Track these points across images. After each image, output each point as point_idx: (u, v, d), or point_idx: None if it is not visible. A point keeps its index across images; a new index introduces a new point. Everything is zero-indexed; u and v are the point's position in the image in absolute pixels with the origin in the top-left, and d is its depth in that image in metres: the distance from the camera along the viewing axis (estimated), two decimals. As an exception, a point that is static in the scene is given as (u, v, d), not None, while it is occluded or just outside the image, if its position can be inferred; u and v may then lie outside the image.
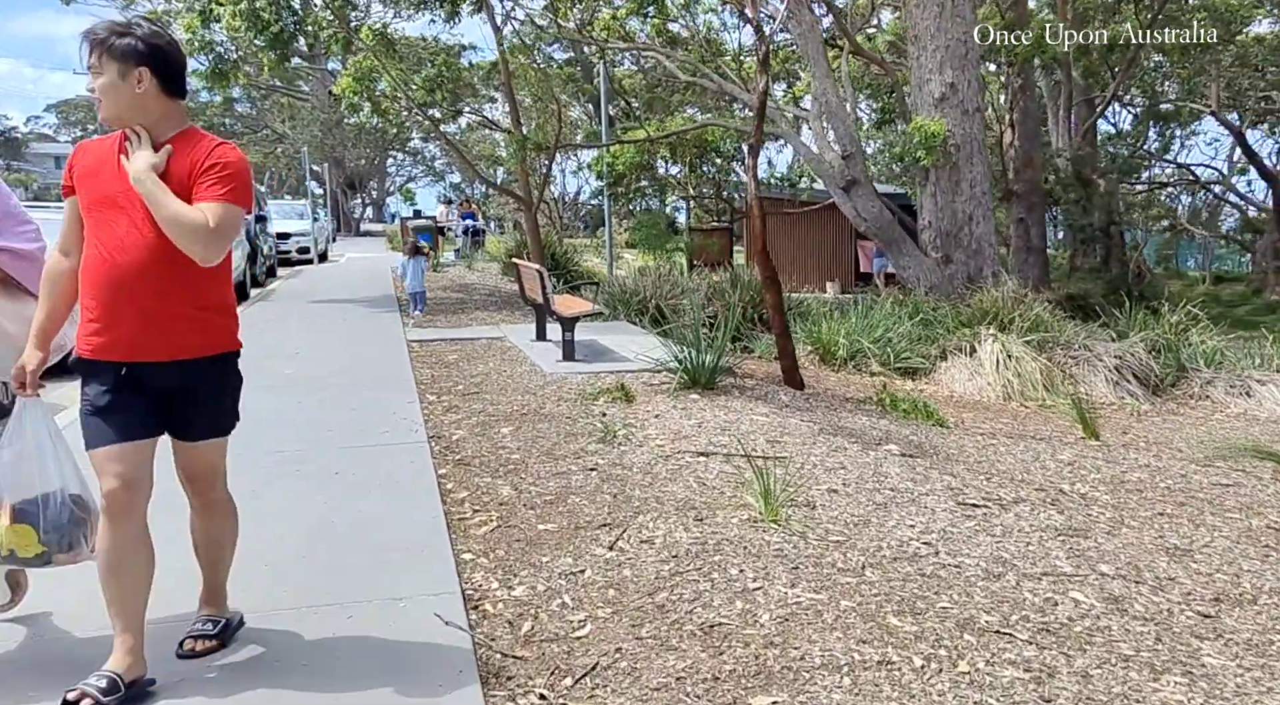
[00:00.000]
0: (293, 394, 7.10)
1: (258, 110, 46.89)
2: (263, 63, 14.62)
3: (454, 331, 11.09)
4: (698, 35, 20.34)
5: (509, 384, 7.60)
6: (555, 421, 6.17)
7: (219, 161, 2.60)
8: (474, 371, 8.25)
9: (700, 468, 5.10)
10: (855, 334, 10.63)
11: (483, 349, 9.65)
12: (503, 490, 4.71)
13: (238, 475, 5.08)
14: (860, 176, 13.89)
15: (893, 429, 6.65)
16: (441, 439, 5.75)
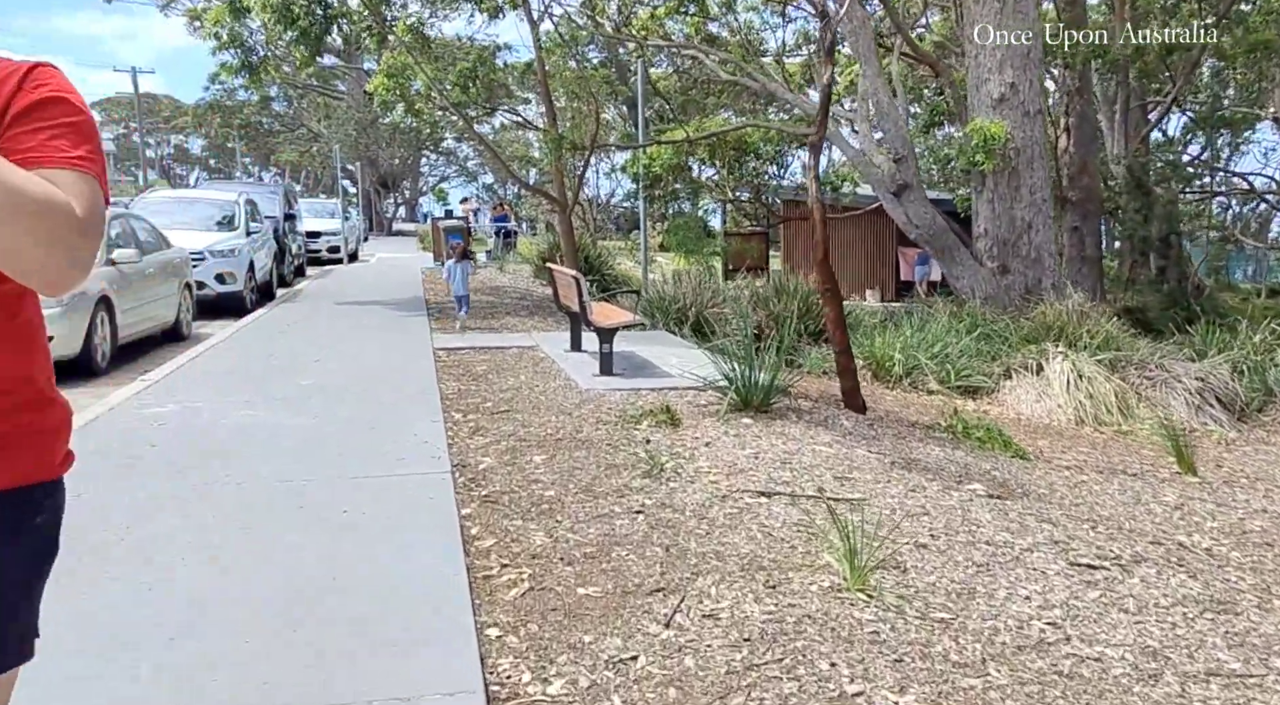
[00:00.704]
0: (308, 407, 6.44)
1: (294, 109, 46.71)
2: (295, 58, 14.07)
3: (484, 338, 10.42)
4: (738, 34, 19.56)
5: (542, 401, 6.90)
6: (594, 449, 5.45)
7: (51, 95, 1.30)
8: (504, 385, 7.56)
9: (763, 512, 4.36)
10: (911, 349, 9.82)
11: (514, 360, 8.96)
12: (535, 537, 4.00)
13: (230, 507, 4.21)
14: (912, 181, 13.07)
15: (970, 462, 5.87)
16: (467, 468, 5.05)
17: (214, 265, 12.57)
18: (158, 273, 9.88)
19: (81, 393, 7.55)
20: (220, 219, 14.02)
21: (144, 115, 54.75)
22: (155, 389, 7.07)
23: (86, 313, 8.01)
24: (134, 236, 9.68)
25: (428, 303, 14.19)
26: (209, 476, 4.73)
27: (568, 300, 8.88)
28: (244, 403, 6.57)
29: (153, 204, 14.11)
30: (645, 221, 20.19)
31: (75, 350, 7.91)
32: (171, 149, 67.48)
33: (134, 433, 5.68)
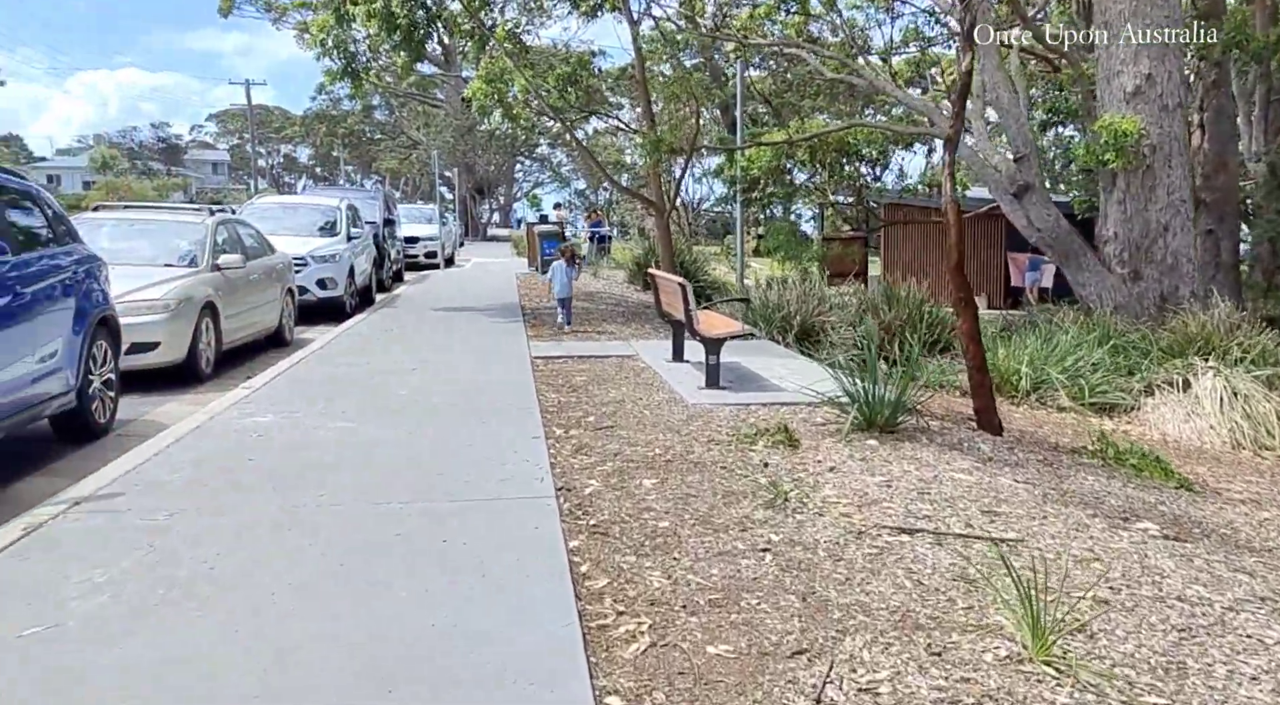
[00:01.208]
0: (405, 420, 6.16)
1: (395, 118, 47.72)
2: (397, 65, 14.06)
3: (581, 346, 10.06)
4: (840, 32, 18.83)
5: (646, 417, 6.46)
6: (708, 472, 4.97)
7: None
8: (605, 398, 7.16)
9: (907, 553, 3.81)
10: (1039, 362, 9.04)
11: (613, 370, 8.56)
12: (653, 577, 3.55)
13: (325, 534, 3.77)
14: (1034, 181, 12.19)
15: (1132, 494, 5.17)
16: (572, 492, 4.64)
17: (316, 270, 12.59)
18: (262, 278, 9.86)
19: (185, 400, 7.47)
20: (323, 224, 14.10)
21: (256, 126, 56.88)
22: (256, 397, 6.91)
23: (192, 319, 7.96)
24: (239, 242, 9.66)
25: (523, 309, 13.97)
26: (305, 498, 4.44)
27: (671, 308, 8.44)
28: (340, 414, 6.33)
29: (259, 209, 14.29)
30: (741, 226, 19.64)
31: (180, 356, 7.85)
32: (281, 158, 69.98)
33: (233, 445, 5.47)
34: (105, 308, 6.20)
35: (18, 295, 4.98)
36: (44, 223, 5.79)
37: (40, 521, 4.04)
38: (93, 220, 9.11)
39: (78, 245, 6.16)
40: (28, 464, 5.51)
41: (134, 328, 7.42)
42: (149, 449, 5.33)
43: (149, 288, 7.78)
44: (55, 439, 5.96)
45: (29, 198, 5.72)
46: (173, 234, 8.98)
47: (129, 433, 6.31)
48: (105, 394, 6.18)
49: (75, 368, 5.71)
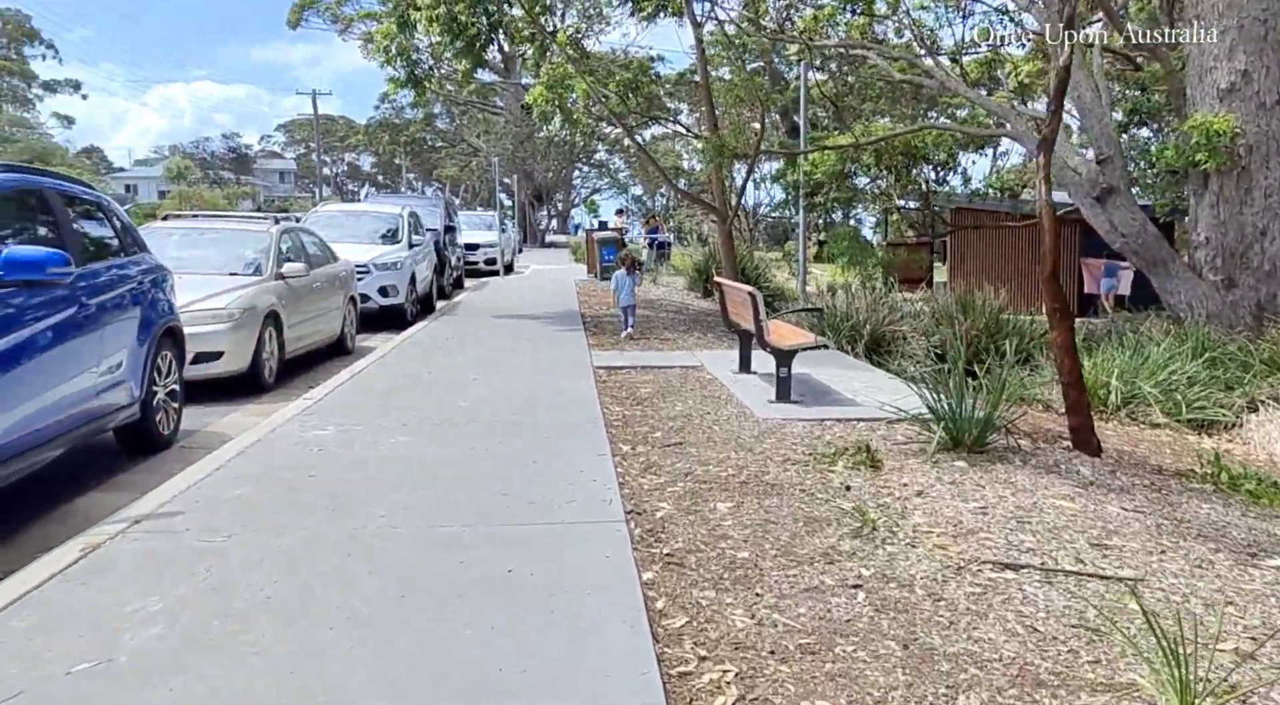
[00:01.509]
0: (466, 434, 5.97)
1: (456, 126, 48.20)
2: (458, 71, 14.02)
3: (644, 356, 9.81)
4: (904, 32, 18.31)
5: (716, 432, 6.17)
6: (786, 495, 4.66)
7: None
8: (672, 412, 6.88)
9: (1014, 592, 3.46)
10: (1129, 374, 8.51)
11: (678, 381, 8.29)
12: (735, 616, 3.26)
13: (385, 561, 3.56)
14: (1118, 184, 11.60)
15: (1255, 524, 4.72)
16: (642, 516, 4.38)
17: (378, 278, 12.56)
18: (324, 286, 9.81)
19: (249, 410, 7.40)
20: (384, 232, 14.10)
21: (321, 135, 58.02)
22: (317, 409, 6.79)
23: (255, 328, 7.90)
24: (303, 250, 9.63)
25: (583, 317, 13.78)
26: (365, 519, 4.25)
27: (738, 318, 8.14)
28: (401, 427, 6.17)
29: (323, 217, 14.36)
30: (804, 232, 19.23)
31: (244, 365, 7.80)
32: (345, 166, 71.30)
33: (293, 459, 5.33)
34: (170, 318, 6.14)
35: (83, 307, 4.90)
36: (111, 233, 5.74)
37: (99, 542, 3.91)
38: (162, 229, 9.15)
39: (144, 255, 6.11)
40: (91, 477, 5.44)
41: (198, 337, 7.37)
42: (210, 463, 5.21)
43: (213, 297, 7.74)
44: (119, 451, 5.90)
45: (97, 208, 5.67)
46: (238, 242, 8.98)
47: (192, 445, 6.23)
48: (169, 405, 6.11)
49: (140, 379, 5.64)
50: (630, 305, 11.28)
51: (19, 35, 65.62)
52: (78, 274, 4.91)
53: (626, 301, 11.20)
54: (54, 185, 5.10)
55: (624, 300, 11.22)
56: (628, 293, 11.18)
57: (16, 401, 4.21)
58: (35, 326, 4.41)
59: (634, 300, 11.39)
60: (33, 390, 4.36)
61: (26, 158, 50.17)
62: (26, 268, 4.19)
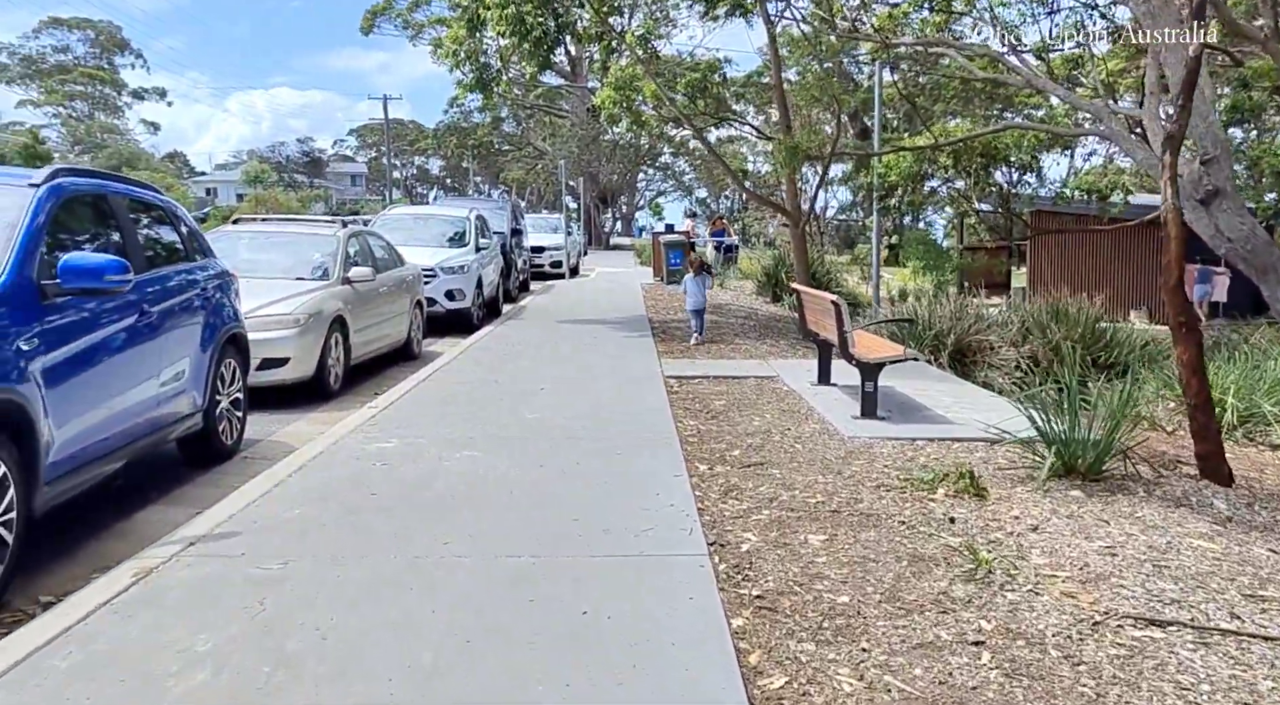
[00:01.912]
0: (534, 450, 5.65)
1: (522, 129, 48.38)
2: (526, 74, 13.82)
3: (716, 365, 9.41)
4: (990, 27, 17.54)
5: (799, 451, 5.75)
6: (884, 528, 4.23)
7: None
8: (749, 427, 6.48)
9: (1166, 657, 2.98)
10: (1245, 391, 7.81)
11: (754, 393, 7.87)
12: (841, 677, 2.85)
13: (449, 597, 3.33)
14: (1225, 186, 10.78)
15: None
16: (726, 548, 3.99)
17: (444, 282, 12.40)
18: (391, 290, 9.64)
19: (313, 418, 7.21)
20: (451, 235, 13.95)
21: (391, 139, 58.91)
22: (381, 419, 6.56)
23: (321, 333, 7.73)
24: (370, 254, 9.47)
25: (651, 322, 13.43)
26: (427, 546, 3.95)
27: (819, 327, 7.69)
28: (467, 440, 5.88)
29: (390, 220, 14.28)
30: (878, 236, 18.63)
31: (309, 372, 7.62)
32: (414, 170, 72.34)
33: (355, 475, 5.08)
34: (234, 325, 5.95)
35: (144, 314, 4.70)
36: (175, 238, 5.57)
37: (152, 565, 3.68)
38: (231, 233, 9.08)
39: (209, 260, 5.93)
40: (153, 489, 5.26)
41: (263, 343, 7.21)
42: (270, 478, 4.98)
43: (279, 302, 7.58)
44: (181, 461, 5.73)
45: (161, 213, 5.51)
46: (306, 246, 8.84)
47: (255, 455, 6.04)
48: (233, 414, 5.92)
49: (203, 388, 5.45)
50: (699, 309, 11.06)
51: (110, 46, 68.14)
52: (139, 281, 4.72)
53: (695, 305, 10.98)
54: (117, 189, 4.92)
55: (693, 304, 11.01)
56: (696, 297, 10.94)
57: (77, 413, 4.01)
58: (95, 336, 4.21)
59: (704, 304, 11.15)
60: (93, 401, 4.17)
61: (114, 163, 51.96)
62: (85, 275, 3.99)
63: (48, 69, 64.41)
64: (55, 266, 3.97)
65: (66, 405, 3.93)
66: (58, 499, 3.94)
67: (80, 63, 65.95)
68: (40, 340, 3.76)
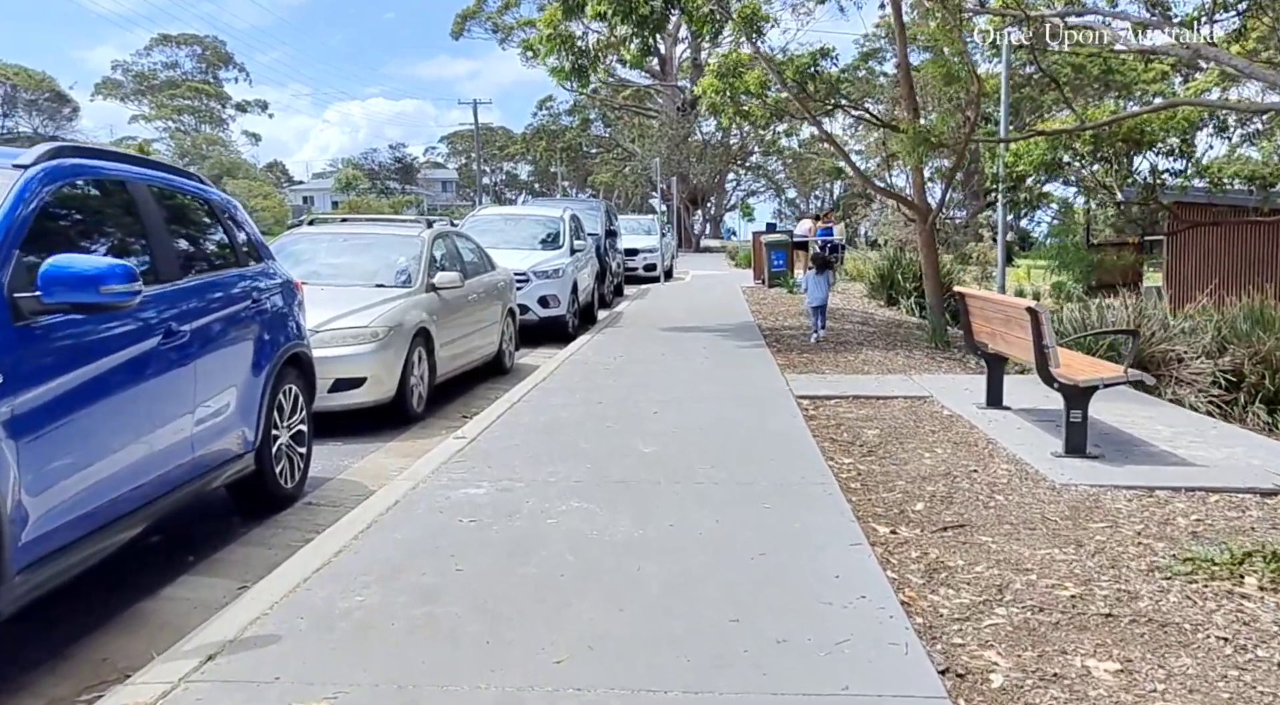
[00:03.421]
0: (657, 499, 4.43)
1: (610, 131, 47.55)
2: (624, 59, 12.68)
3: (851, 381, 8.05)
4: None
5: (1002, 504, 4.37)
6: (1200, 650, 2.84)
7: None
8: (922, 467, 5.12)
9: None
10: None
11: (909, 418, 6.49)
12: None
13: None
14: None
15: None
16: (966, 682, 2.67)
17: (538, 288, 11.33)
18: (481, 298, 8.58)
19: (392, 449, 6.15)
20: (544, 237, 12.90)
21: (481, 145, 58.92)
22: (470, 453, 5.44)
23: (403, 349, 6.68)
24: (458, 258, 8.43)
25: (761, 329, 12.10)
26: (533, 670, 2.75)
27: (994, 338, 6.25)
28: (574, 485, 4.70)
29: (480, 221, 13.31)
30: (1004, 232, 16.84)
31: (389, 393, 6.58)
32: (503, 176, 72.47)
33: (437, 538, 3.94)
34: (296, 343, 4.91)
35: (171, 335, 3.66)
36: (222, 238, 4.55)
37: (152, 699, 2.58)
38: (306, 235, 8.16)
39: (267, 266, 4.91)
40: (190, 549, 4.24)
41: (336, 361, 6.21)
42: (332, 542, 3.88)
43: (355, 313, 6.57)
44: (230, 508, 4.71)
45: (204, 207, 4.49)
46: (387, 249, 7.84)
47: (321, 500, 4.98)
48: (294, 451, 4.88)
49: (255, 422, 4.41)
50: (820, 306, 10.73)
51: (215, 60, 70.26)
52: (166, 293, 3.69)
53: (816, 302, 10.69)
54: (142, 176, 3.90)
55: (813, 301, 10.74)
56: (817, 294, 10.67)
57: (67, 472, 2.98)
58: (95, 366, 3.17)
59: (824, 302, 10.80)
60: (93, 454, 3.13)
61: (215, 173, 53.20)
62: (74, 285, 2.94)
63: (158, 85, 66.71)
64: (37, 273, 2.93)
65: (49, 463, 2.88)
66: (37, 591, 2.89)
67: (188, 78, 68.15)
68: (5, 377, 2.70)
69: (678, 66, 42.18)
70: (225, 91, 70.09)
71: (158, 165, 4.25)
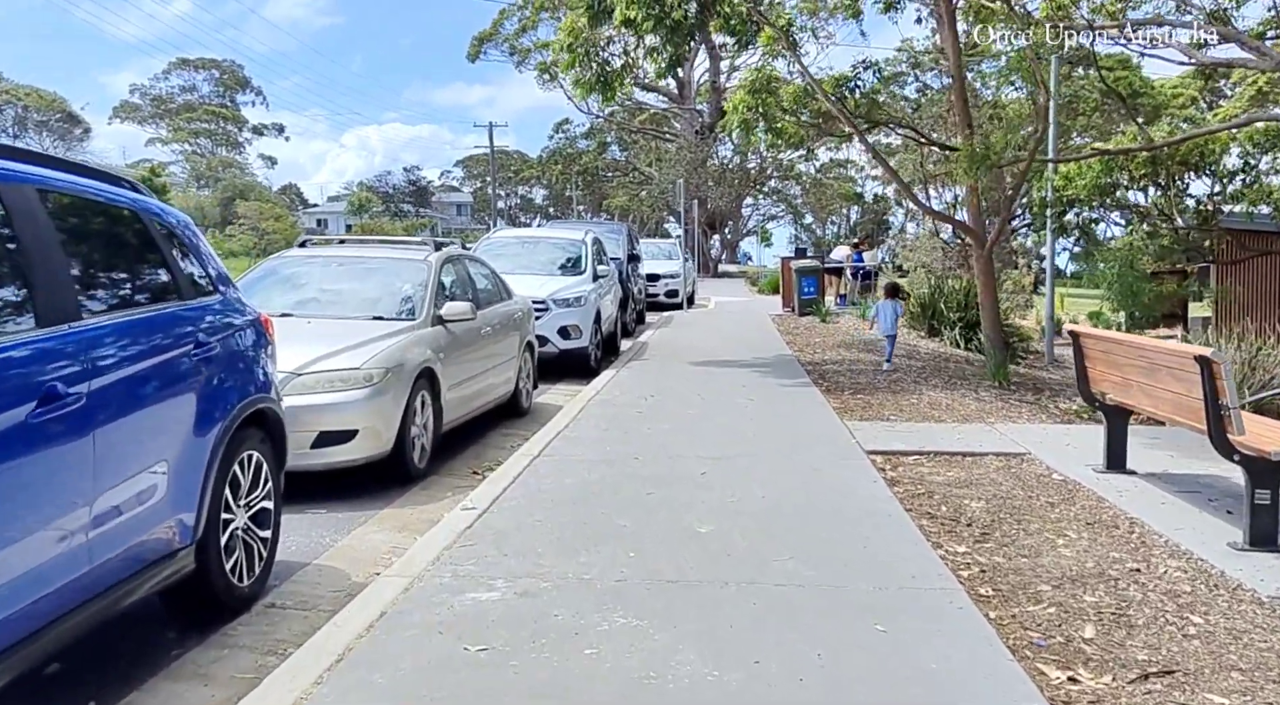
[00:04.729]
0: (728, 612, 3.28)
1: (627, 155, 46.72)
2: (652, 66, 11.65)
3: (924, 431, 6.88)
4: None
5: (1206, 631, 3.18)
6: None
7: None
8: (1059, 561, 3.94)
9: None
10: None
11: (1012, 483, 5.31)
12: None
13: None
14: None
15: None
16: None
17: (558, 317, 10.21)
18: (496, 331, 7.46)
19: (386, 520, 5.00)
20: (564, 261, 11.80)
21: (496, 169, 58.21)
22: (480, 531, 4.29)
23: (403, 394, 5.55)
24: (469, 285, 7.33)
25: (802, 364, 10.94)
26: None
27: (1122, 388, 5.06)
28: (615, 589, 3.54)
29: (495, 244, 12.22)
30: (1053, 260, 15.64)
31: (385, 447, 5.44)
32: (518, 199, 71.79)
33: (432, 680, 2.79)
34: (260, 397, 3.78)
35: (52, 401, 2.53)
36: (156, 263, 3.44)
37: None
38: (297, 259, 7.06)
39: (223, 298, 3.79)
40: (95, 684, 3.09)
41: (322, 410, 5.09)
42: (286, 689, 2.73)
43: (346, 351, 5.45)
44: (166, 615, 3.56)
45: (133, 223, 3.37)
46: (388, 275, 6.74)
47: (287, 600, 3.83)
48: (254, 536, 3.73)
49: (197, 506, 3.28)
50: (892, 335, 10.78)
51: (233, 84, 70.08)
52: (36, 341, 2.57)
53: (888, 331, 10.72)
54: (22, 175, 2.77)
55: (886, 329, 10.75)
56: (889, 321, 10.71)
57: None
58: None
59: (896, 330, 10.91)
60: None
61: (228, 195, 52.61)
62: None
63: (175, 108, 66.49)
64: None
65: None
66: None
67: (205, 101, 67.92)
68: None
69: (696, 90, 41.36)
70: (242, 115, 69.89)
71: (60, 163, 3.12)
